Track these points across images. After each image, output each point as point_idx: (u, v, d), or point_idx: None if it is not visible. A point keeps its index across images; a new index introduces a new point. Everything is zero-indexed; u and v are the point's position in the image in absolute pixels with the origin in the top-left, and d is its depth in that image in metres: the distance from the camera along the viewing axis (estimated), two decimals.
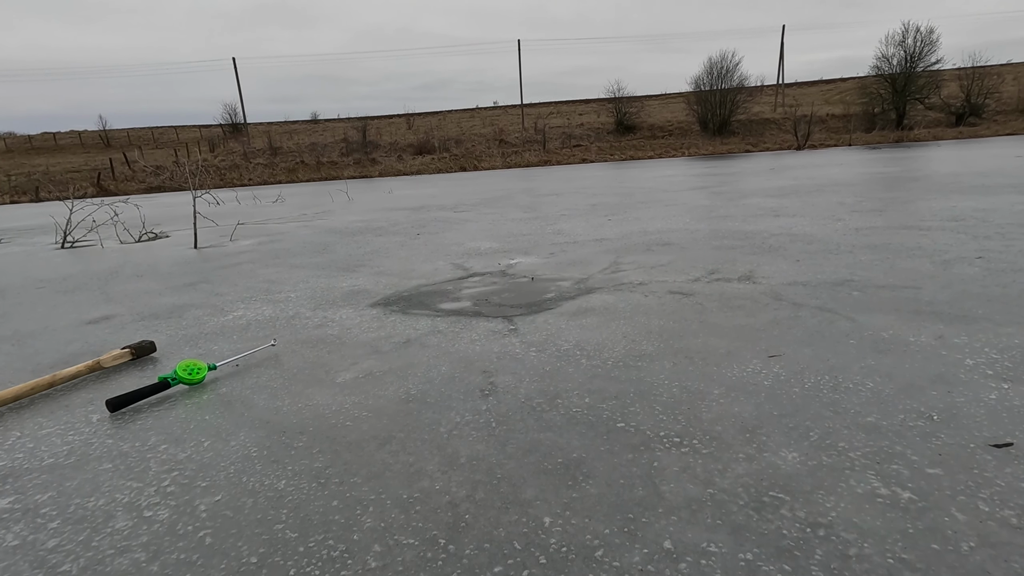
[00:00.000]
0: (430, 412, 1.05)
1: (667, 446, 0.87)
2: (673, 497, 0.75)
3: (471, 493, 0.79)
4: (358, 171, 18.27)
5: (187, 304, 2.03)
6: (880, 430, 0.88)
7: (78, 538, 0.74)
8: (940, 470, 0.77)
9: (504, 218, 4.21)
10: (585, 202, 5.02)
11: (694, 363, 1.20)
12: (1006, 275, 1.72)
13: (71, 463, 0.95)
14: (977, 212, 2.97)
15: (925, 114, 23.88)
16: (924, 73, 23.51)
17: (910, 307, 1.47)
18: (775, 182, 5.83)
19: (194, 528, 0.75)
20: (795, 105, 26.62)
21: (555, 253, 2.62)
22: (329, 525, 0.74)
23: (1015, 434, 0.84)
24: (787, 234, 2.70)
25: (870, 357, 1.17)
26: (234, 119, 29.75)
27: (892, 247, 2.23)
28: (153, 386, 1.20)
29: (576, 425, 0.96)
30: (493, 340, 1.43)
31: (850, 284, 1.73)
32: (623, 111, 25.76)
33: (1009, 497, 0.70)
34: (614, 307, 1.66)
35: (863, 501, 0.71)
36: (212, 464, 0.91)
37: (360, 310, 1.83)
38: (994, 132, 18.99)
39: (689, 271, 2.06)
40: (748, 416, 0.95)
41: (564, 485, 0.79)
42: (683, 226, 3.20)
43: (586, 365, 1.22)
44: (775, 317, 1.47)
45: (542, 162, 18.26)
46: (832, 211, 3.39)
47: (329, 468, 0.87)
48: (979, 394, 0.98)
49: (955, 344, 1.20)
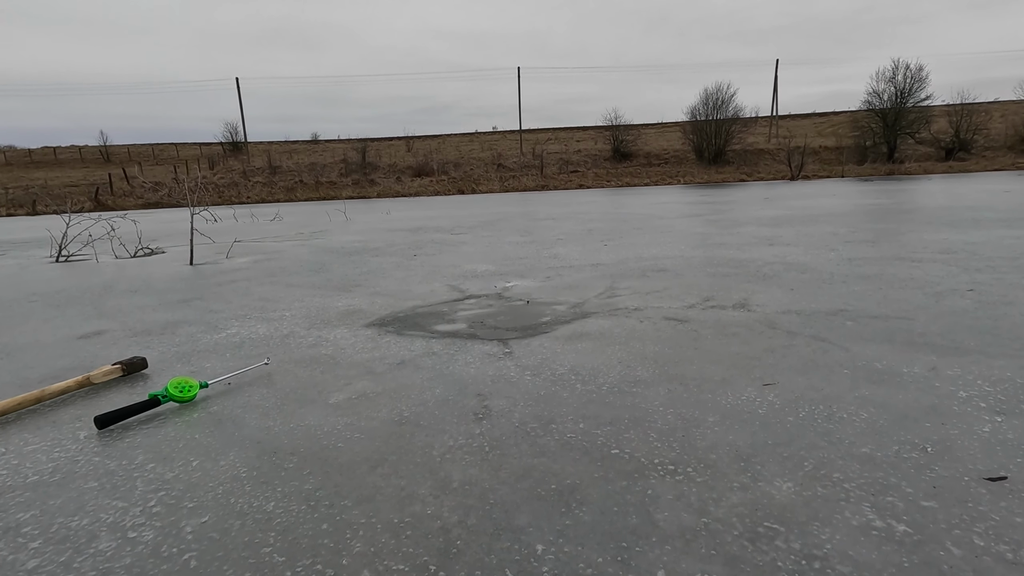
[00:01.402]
0: (423, 435, 1.04)
1: (661, 474, 0.87)
2: (667, 526, 0.74)
3: (463, 518, 0.77)
4: (356, 192, 18.38)
5: (181, 320, 2.02)
6: (875, 461, 0.88)
7: (59, 559, 0.73)
8: (935, 503, 0.76)
9: (501, 241, 4.23)
10: (581, 227, 5.06)
11: (689, 390, 1.19)
12: (997, 308, 1.73)
13: (56, 481, 0.93)
14: (968, 245, 3.01)
15: (915, 148, 24.35)
16: (914, 109, 24.04)
17: (903, 338, 1.48)
18: (769, 211, 5.90)
19: (179, 550, 0.73)
20: (789, 136, 27.11)
21: (551, 277, 2.63)
22: (318, 549, 0.72)
23: (1009, 468, 0.84)
24: (781, 263, 2.72)
25: (864, 387, 1.17)
26: (235, 137, 29.99)
27: (885, 278, 2.26)
28: (143, 403, 1.18)
29: (570, 451, 0.95)
30: (488, 363, 1.43)
31: (844, 314, 1.74)
32: (620, 139, 26.13)
33: (1004, 532, 0.70)
34: (609, 332, 1.66)
35: (858, 533, 0.71)
36: (200, 484, 0.90)
37: (355, 330, 1.82)
38: (983, 167, 19.36)
39: (684, 297, 2.07)
40: (743, 444, 0.95)
41: (557, 512, 0.78)
42: (678, 253, 3.23)
43: (581, 390, 1.22)
44: (770, 345, 1.47)
45: (539, 187, 18.44)
46: (826, 241, 3.43)
47: (320, 490, 0.86)
48: (972, 427, 0.98)
49: (948, 376, 1.21)
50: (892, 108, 23.89)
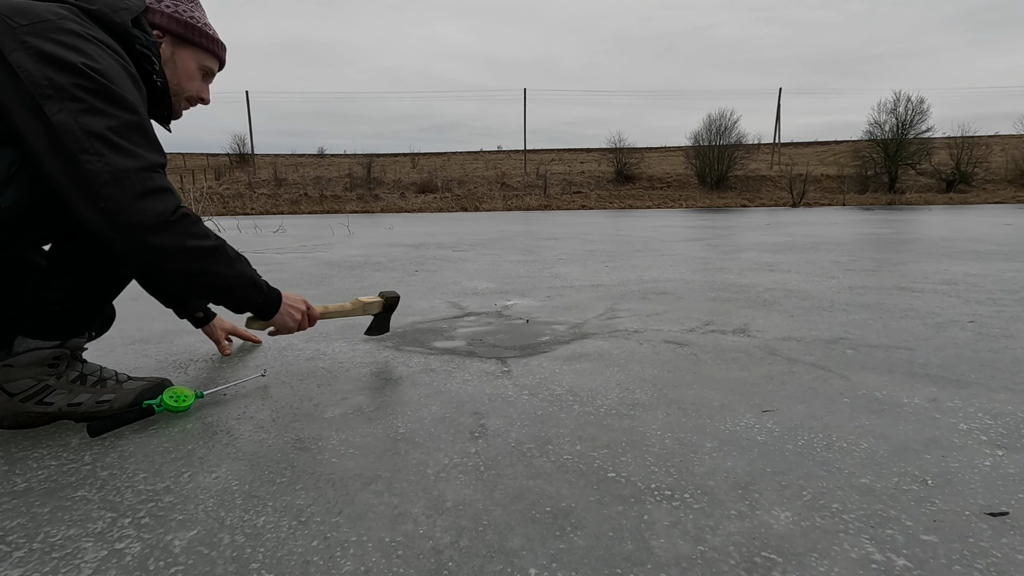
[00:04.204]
0: (418, 452, 1.03)
1: (658, 499, 0.86)
2: (663, 553, 0.73)
3: (456, 539, 0.76)
4: (360, 206, 18.50)
5: (179, 329, 2.01)
6: (874, 492, 0.87)
7: (43, 569, 0.71)
8: (935, 537, 0.75)
9: (502, 259, 4.24)
10: (583, 248, 5.08)
11: (687, 414, 1.18)
12: (998, 340, 1.73)
13: (44, 489, 0.92)
14: (968, 277, 3.02)
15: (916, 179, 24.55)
16: (915, 140, 24.29)
17: (903, 368, 1.48)
18: (770, 237, 5.92)
19: (166, 564, 0.72)
20: (791, 164, 27.37)
21: (551, 296, 2.63)
22: (307, 567, 0.71)
23: (1010, 503, 0.83)
24: (782, 289, 2.73)
25: (864, 417, 1.16)
26: (242, 149, 30.29)
27: (885, 307, 2.26)
28: (137, 412, 1.17)
29: (566, 473, 0.94)
30: (486, 381, 1.42)
31: (844, 342, 1.74)
32: (623, 161, 26.38)
33: (1005, 569, 0.68)
34: (608, 354, 1.65)
35: (857, 567, 0.70)
36: (191, 496, 0.88)
37: (353, 344, 1.81)
38: (983, 200, 19.50)
39: (684, 321, 2.07)
40: (741, 472, 0.94)
41: (552, 535, 0.77)
42: (679, 276, 3.23)
43: (578, 411, 1.21)
44: (769, 372, 1.46)
45: (542, 206, 18.56)
46: (826, 269, 3.44)
47: (311, 506, 0.85)
48: (973, 460, 0.97)
49: (949, 408, 1.20)
50: (893, 139, 24.12)
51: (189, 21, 1.19)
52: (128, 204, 0.94)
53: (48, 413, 1.14)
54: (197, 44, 1.20)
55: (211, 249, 1.08)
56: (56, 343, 1.13)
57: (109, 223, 0.94)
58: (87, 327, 1.18)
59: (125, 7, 1.06)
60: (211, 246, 1.08)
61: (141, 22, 1.10)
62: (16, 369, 1.11)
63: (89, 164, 0.90)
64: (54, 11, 0.94)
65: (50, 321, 1.11)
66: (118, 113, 0.95)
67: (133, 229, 0.95)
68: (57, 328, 1.12)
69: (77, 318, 1.14)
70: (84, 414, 1.16)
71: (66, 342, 1.14)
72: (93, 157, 0.91)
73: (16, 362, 1.11)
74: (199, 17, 1.21)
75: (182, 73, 1.20)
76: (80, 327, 1.16)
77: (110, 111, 0.93)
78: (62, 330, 1.13)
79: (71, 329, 1.14)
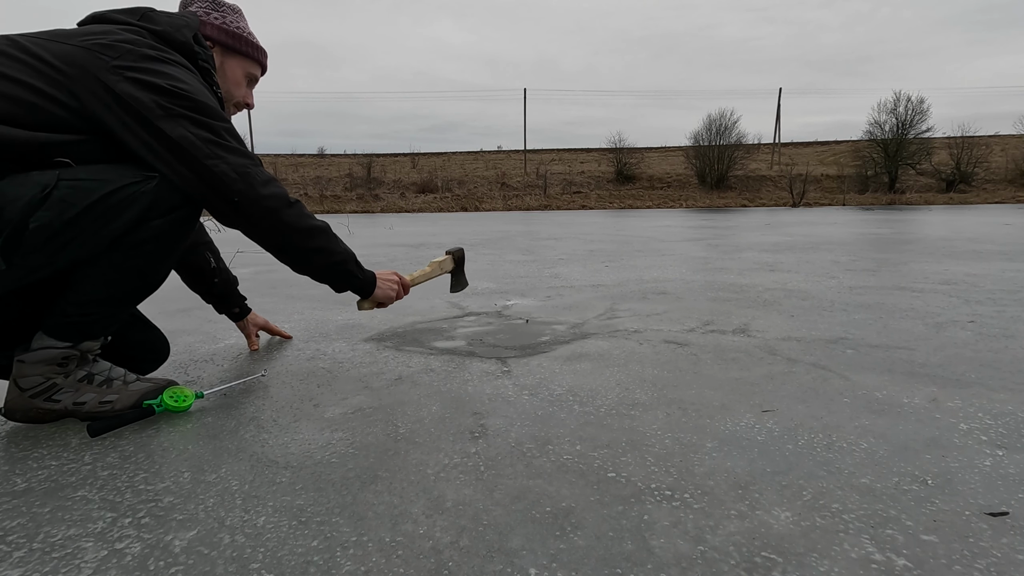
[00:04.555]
0: (418, 452, 1.03)
1: (658, 499, 0.86)
2: (663, 553, 0.73)
3: (456, 539, 0.76)
4: (360, 206, 18.51)
5: (179, 330, 2.01)
6: (874, 492, 0.87)
7: (43, 569, 0.71)
8: (935, 537, 0.75)
9: (502, 259, 4.24)
10: (583, 247, 5.08)
11: (687, 414, 1.18)
12: (998, 341, 1.73)
13: (45, 489, 0.92)
14: (968, 277, 3.02)
15: (916, 179, 24.54)
16: (915, 140, 24.27)
17: (903, 368, 1.48)
18: (770, 237, 5.93)
19: (166, 564, 0.72)
20: (791, 164, 27.37)
21: (551, 296, 2.63)
22: (307, 567, 0.71)
23: (1010, 503, 0.83)
24: (782, 289, 2.73)
25: (864, 417, 1.16)
26: None
27: (885, 307, 2.26)
28: (137, 412, 1.18)
29: (566, 473, 0.94)
30: (486, 381, 1.42)
31: (844, 342, 1.74)
32: (623, 161, 26.37)
33: (1006, 569, 0.68)
34: (608, 354, 1.65)
35: (857, 567, 0.70)
36: (191, 496, 0.89)
37: (353, 344, 1.82)
38: (983, 200, 19.49)
39: (684, 321, 2.07)
40: (741, 472, 0.94)
41: (552, 535, 0.77)
42: (679, 276, 3.23)
43: (579, 411, 1.21)
44: (769, 372, 1.46)
45: (542, 206, 18.56)
46: (826, 269, 3.44)
47: (312, 506, 0.85)
48: (973, 460, 0.97)
49: (949, 408, 1.20)
50: (893, 139, 24.11)
51: (236, 32, 1.31)
52: (256, 194, 1.10)
53: (55, 410, 1.16)
54: (244, 53, 1.32)
55: (323, 228, 1.25)
56: (68, 344, 1.14)
57: (244, 213, 1.11)
58: (102, 332, 1.19)
59: (185, 24, 1.17)
60: (323, 225, 1.26)
61: (198, 37, 1.20)
62: (28, 365, 1.13)
63: (215, 167, 1.05)
64: (129, 39, 1.04)
65: (65, 323, 1.13)
66: (218, 122, 1.08)
67: (267, 213, 1.13)
68: (71, 331, 1.14)
69: (92, 323, 1.15)
70: (88, 413, 1.17)
71: (78, 344, 1.15)
72: (217, 161, 1.05)
73: (28, 358, 1.13)
74: (244, 27, 1.33)
75: (231, 80, 1.32)
76: (94, 332, 1.17)
77: (212, 122, 1.07)
78: (75, 333, 1.14)
79: (85, 333, 1.15)
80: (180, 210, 1.10)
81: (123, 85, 0.99)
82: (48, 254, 0.99)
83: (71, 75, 0.98)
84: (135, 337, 1.39)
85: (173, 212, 1.09)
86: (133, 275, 1.13)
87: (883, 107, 26.32)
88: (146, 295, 1.21)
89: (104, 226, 1.02)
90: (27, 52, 0.98)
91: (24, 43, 1.00)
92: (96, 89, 0.98)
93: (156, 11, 1.15)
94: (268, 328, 1.85)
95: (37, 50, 0.99)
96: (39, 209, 0.95)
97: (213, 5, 1.29)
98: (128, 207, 1.03)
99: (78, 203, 0.98)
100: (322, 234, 1.25)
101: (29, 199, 0.94)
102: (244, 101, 1.37)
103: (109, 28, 1.06)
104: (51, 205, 0.96)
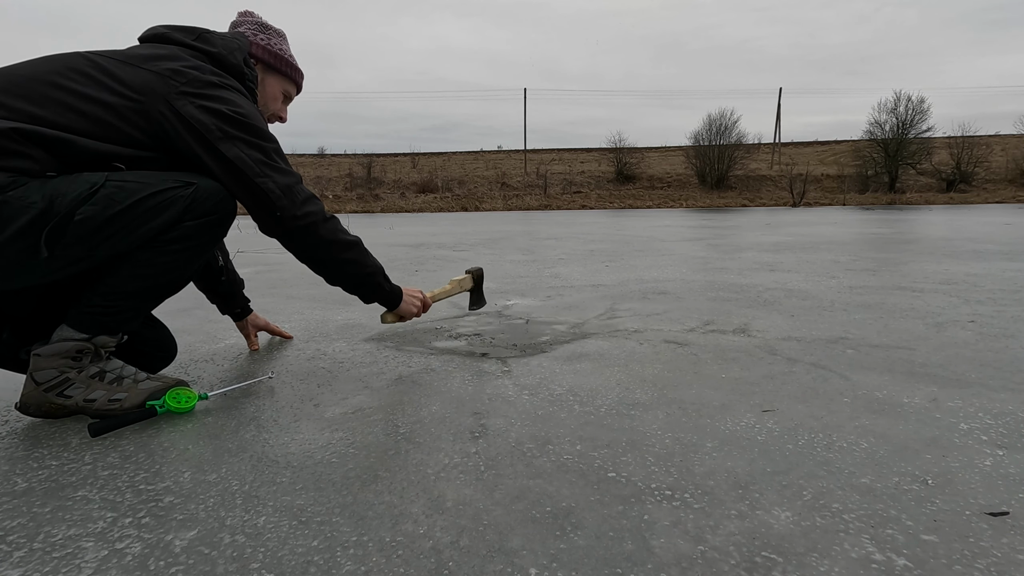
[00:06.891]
0: (418, 452, 1.03)
1: (658, 499, 0.86)
2: (663, 553, 0.73)
3: (456, 539, 0.76)
4: (360, 206, 18.51)
5: (180, 330, 2.01)
6: (874, 492, 0.87)
7: (44, 569, 0.71)
8: (936, 537, 0.75)
9: (503, 259, 4.24)
10: (583, 247, 5.09)
11: (688, 414, 1.18)
12: (998, 340, 1.73)
13: (45, 489, 0.92)
14: (969, 277, 3.02)
15: (917, 179, 24.52)
16: (915, 140, 24.25)
17: (904, 368, 1.48)
18: (771, 237, 5.93)
19: (166, 564, 0.72)
20: (791, 164, 27.36)
21: (552, 296, 2.63)
22: (307, 567, 0.71)
23: (1011, 503, 0.83)
24: (782, 289, 2.73)
25: (864, 417, 1.16)
26: None
27: (886, 307, 2.25)
28: (139, 412, 1.18)
29: (566, 473, 0.94)
30: (486, 381, 1.42)
31: (844, 342, 1.74)
32: (623, 161, 26.35)
33: (1006, 569, 0.68)
34: (609, 353, 1.65)
35: (858, 567, 0.70)
36: (192, 496, 0.89)
37: (354, 344, 1.82)
38: (984, 199, 19.48)
39: (684, 321, 2.07)
40: (741, 471, 0.94)
41: (552, 535, 0.77)
42: (679, 276, 3.23)
43: (579, 411, 1.21)
44: (769, 371, 1.46)
45: (542, 206, 18.56)
46: (826, 268, 3.44)
47: (312, 506, 0.85)
48: (973, 460, 0.97)
49: (949, 408, 1.20)
50: (894, 138, 24.10)
51: (279, 53, 1.44)
52: (297, 210, 1.22)
53: (67, 406, 1.18)
54: (283, 73, 1.46)
55: (355, 242, 1.38)
56: (85, 336, 1.17)
57: (286, 226, 1.22)
58: (120, 327, 1.22)
59: (238, 47, 1.29)
60: (355, 239, 1.38)
61: (247, 59, 1.32)
62: (43, 359, 1.15)
63: (264, 185, 1.18)
64: (195, 65, 1.16)
65: (88, 313, 1.16)
66: (267, 144, 1.21)
67: (306, 227, 1.24)
68: (91, 322, 1.17)
69: (113, 316, 1.18)
70: (97, 411, 1.19)
71: (94, 337, 1.18)
72: (266, 179, 1.18)
73: (45, 351, 1.15)
74: (286, 50, 1.46)
75: (269, 95, 1.45)
76: (113, 326, 1.20)
77: (262, 143, 1.20)
78: (95, 325, 1.17)
79: (104, 326, 1.18)
80: (213, 215, 1.18)
81: (189, 108, 1.11)
82: (88, 247, 1.05)
83: (143, 100, 1.09)
84: (148, 334, 1.43)
85: (207, 217, 1.16)
86: (161, 271, 1.18)
87: (883, 107, 26.29)
88: (170, 293, 1.27)
89: (143, 224, 1.09)
90: (105, 73, 1.09)
91: (102, 63, 1.10)
92: (165, 112, 1.10)
93: (212, 33, 1.27)
94: (268, 328, 1.86)
95: (115, 70, 1.10)
96: (86, 204, 1.02)
97: (261, 27, 1.42)
98: (167, 208, 1.10)
99: (122, 201, 1.05)
100: (354, 248, 1.37)
101: (77, 194, 1.01)
102: (278, 115, 1.50)
103: (175, 52, 1.17)
104: (97, 200, 1.03)
